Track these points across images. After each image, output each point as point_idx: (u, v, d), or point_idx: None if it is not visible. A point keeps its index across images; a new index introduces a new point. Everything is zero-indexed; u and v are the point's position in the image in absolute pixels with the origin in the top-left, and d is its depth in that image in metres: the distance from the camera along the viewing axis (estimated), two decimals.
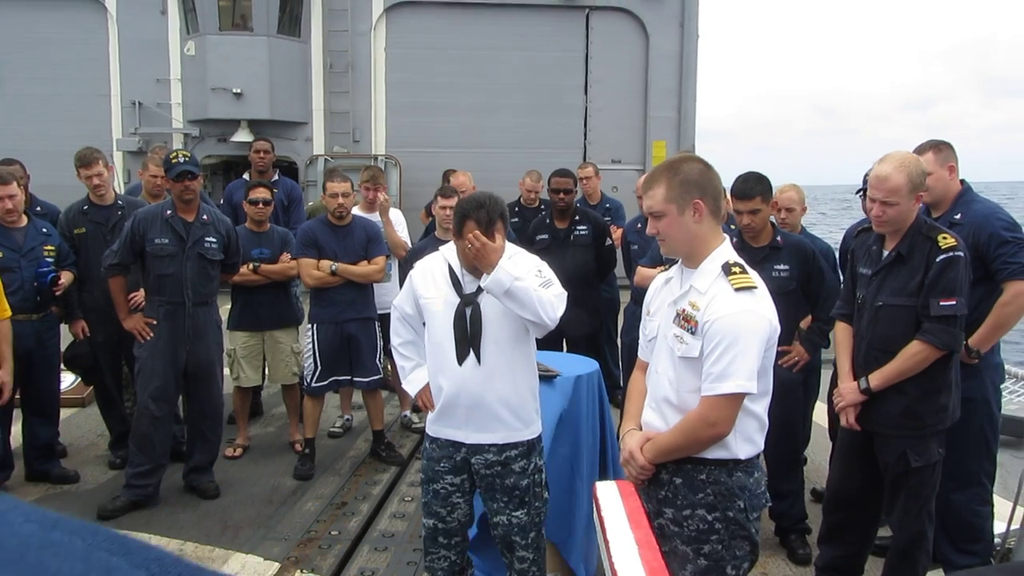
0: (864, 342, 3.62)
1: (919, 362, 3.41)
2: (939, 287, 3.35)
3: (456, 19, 15.38)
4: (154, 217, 5.05)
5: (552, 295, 3.13)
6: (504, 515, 3.30)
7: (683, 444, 2.56)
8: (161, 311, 5.04)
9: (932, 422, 3.48)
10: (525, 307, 3.05)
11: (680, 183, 2.56)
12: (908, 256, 3.45)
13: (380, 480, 5.52)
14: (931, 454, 3.49)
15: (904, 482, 3.53)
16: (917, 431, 3.48)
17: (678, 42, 15.51)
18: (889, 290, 3.50)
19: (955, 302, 3.34)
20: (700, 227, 2.57)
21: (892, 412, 3.51)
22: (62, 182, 9.14)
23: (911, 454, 3.47)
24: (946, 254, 3.35)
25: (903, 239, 3.47)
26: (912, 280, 3.43)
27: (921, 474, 3.50)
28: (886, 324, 3.51)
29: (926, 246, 3.41)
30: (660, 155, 15.43)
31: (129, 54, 15.22)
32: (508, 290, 3.02)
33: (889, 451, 3.55)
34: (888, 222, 3.46)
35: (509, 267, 3.05)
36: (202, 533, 4.72)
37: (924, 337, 3.38)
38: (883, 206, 3.43)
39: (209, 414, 5.28)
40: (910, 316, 3.44)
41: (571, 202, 6.47)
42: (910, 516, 3.56)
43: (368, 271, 5.72)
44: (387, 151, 15.40)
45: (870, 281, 3.60)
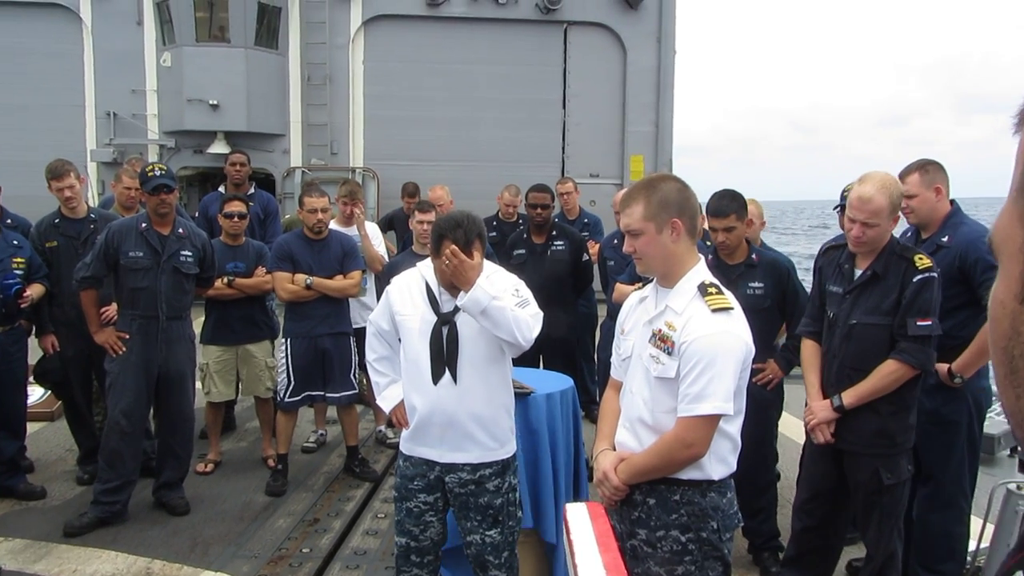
0: (836, 360, 3.61)
1: (894, 381, 3.42)
2: (916, 307, 3.37)
3: (434, 33, 15.42)
4: (129, 230, 4.99)
5: (528, 315, 3.11)
6: (477, 534, 3.27)
7: (658, 465, 2.55)
8: (134, 325, 4.97)
9: (902, 440, 3.52)
10: (501, 327, 3.04)
11: (658, 202, 2.55)
12: (883, 275, 3.46)
13: (353, 496, 5.47)
14: (902, 471, 3.52)
15: (878, 500, 3.54)
16: (889, 449, 3.50)
17: (655, 57, 15.63)
18: (863, 308, 3.51)
19: (931, 322, 3.37)
20: (677, 246, 2.57)
21: (866, 431, 3.51)
22: (36, 193, 9.03)
23: (884, 472, 3.48)
24: (923, 274, 3.38)
25: (878, 258, 3.49)
26: (887, 299, 3.44)
27: (893, 492, 3.52)
28: (860, 342, 3.51)
29: (901, 266, 3.43)
30: (638, 169, 15.53)
31: (104, 64, 15.12)
32: (485, 309, 3.00)
33: (861, 469, 3.56)
34: (867, 243, 3.47)
35: (487, 286, 3.02)
36: (171, 551, 4.65)
37: (900, 356, 3.40)
38: (863, 227, 3.43)
39: (180, 429, 5.21)
40: (884, 335, 3.45)
41: (549, 217, 6.47)
42: (884, 535, 3.56)
43: (343, 285, 5.68)
44: (365, 164, 15.38)
45: (843, 299, 3.60)
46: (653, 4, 15.49)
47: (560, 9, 15.27)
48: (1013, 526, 3.70)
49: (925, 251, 3.82)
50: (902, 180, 4.01)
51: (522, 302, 3.15)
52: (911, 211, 3.98)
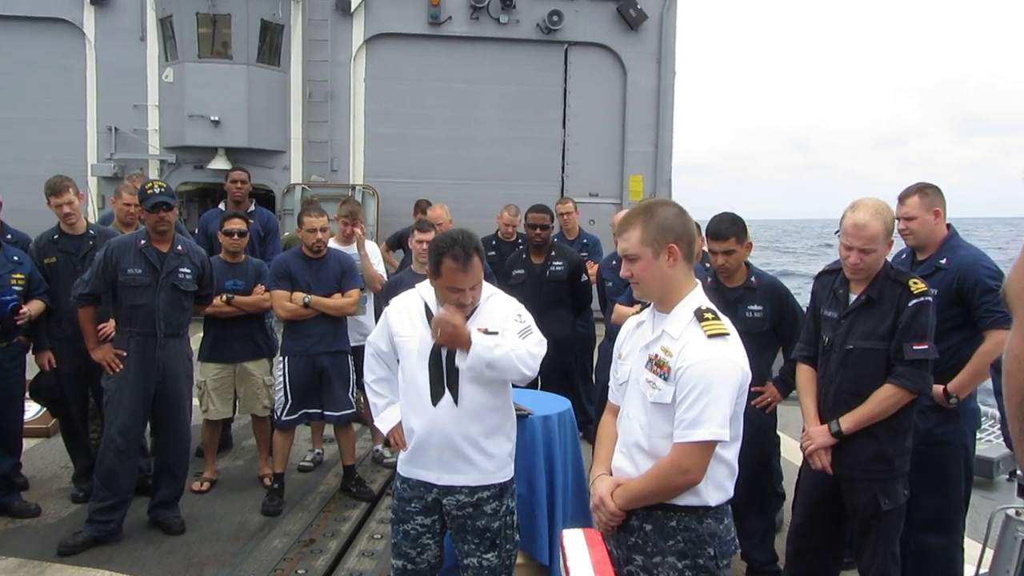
0: (833, 385, 3.61)
1: (891, 405, 3.43)
2: (912, 331, 3.38)
3: (436, 51, 15.50)
4: (127, 247, 4.99)
5: (532, 344, 3.12)
6: (475, 557, 3.25)
7: (655, 491, 2.54)
8: (132, 342, 4.96)
9: (899, 464, 3.52)
10: (508, 371, 3.06)
11: (656, 226, 2.56)
12: (878, 300, 3.48)
13: (350, 516, 5.44)
14: (899, 496, 3.52)
15: (875, 525, 3.53)
16: (887, 474, 3.50)
17: (655, 78, 15.72)
18: (859, 333, 3.51)
19: (927, 346, 3.38)
20: (674, 271, 2.58)
21: (863, 455, 3.51)
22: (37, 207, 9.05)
23: (881, 497, 3.48)
24: (918, 299, 3.39)
25: (872, 283, 3.50)
26: (883, 324, 3.45)
27: (890, 516, 3.52)
28: (856, 367, 3.52)
29: (896, 290, 3.44)
30: (637, 189, 15.57)
31: (106, 79, 15.18)
32: (490, 362, 3.00)
33: (858, 494, 3.55)
34: (864, 269, 3.49)
35: (482, 339, 3.01)
36: (165, 570, 4.62)
37: (897, 381, 3.41)
38: (861, 254, 3.45)
39: (176, 448, 5.19)
40: (881, 359, 3.46)
41: (548, 238, 6.49)
42: (879, 559, 3.55)
43: (341, 304, 5.67)
44: (365, 181, 15.42)
45: (838, 324, 3.60)
46: (653, 25, 15.59)
47: (561, 29, 15.37)
48: (1012, 552, 3.68)
49: (923, 273, 3.84)
50: (902, 202, 4.04)
51: (524, 330, 3.15)
52: (910, 233, 4.01)
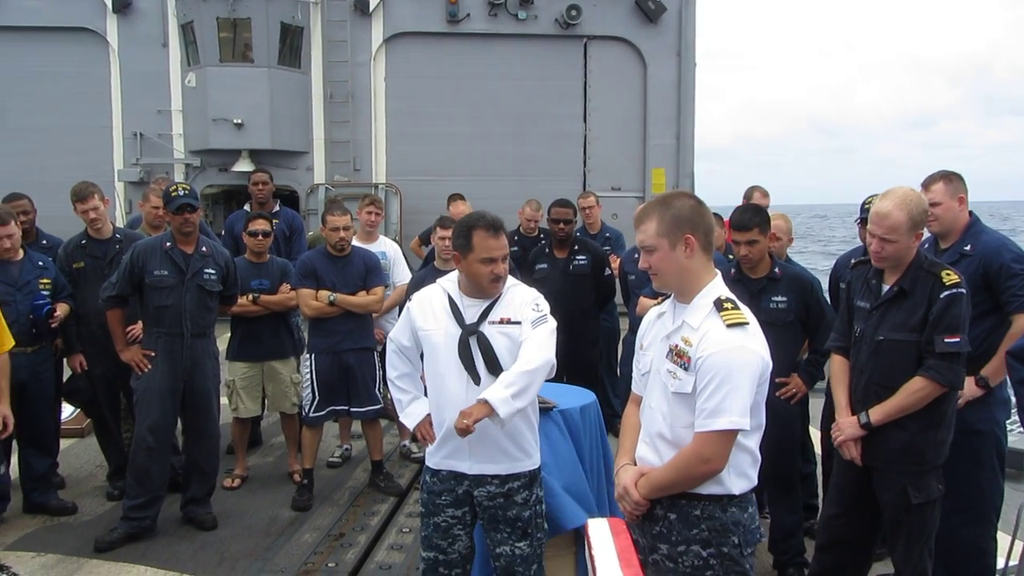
0: (863, 376, 3.58)
1: (921, 398, 3.39)
2: (943, 324, 3.34)
3: (455, 49, 15.54)
4: (153, 249, 5.08)
5: (541, 340, 3.13)
6: (507, 546, 3.28)
7: (677, 480, 2.57)
8: (159, 343, 5.05)
9: (932, 457, 3.45)
10: (538, 383, 3.11)
11: (672, 218, 2.60)
12: (910, 291, 3.44)
13: (378, 511, 5.50)
14: (931, 490, 3.45)
15: (905, 519, 3.48)
16: (917, 467, 3.45)
17: (676, 70, 15.66)
18: (890, 325, 3.48)
19: (959, 339, 3.33)
20: (691, 262, 2.60)
21: (893, 448, 3.47)
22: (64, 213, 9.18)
23: (911, 490, 3.43)
24: (950, 291, 3.34)
25: (905, 274, 3.47)
26: (914, 315, 3.41)
27: (922, 511, 3.46)
28: (887, 359, 3.48)
29: (928, 282, 3.40)
30: (659, 182, 15.53)
31: (131, 86, 15.37)
32: (516, 408, 3.02)
33: (889, 488, 3.51)
34: (886, 258, 3.47)
35: (493, 393, 3.00)
36: (199, 565, 4.70)
37: (928, 374, 3.36)
38: (882, 242, 3.43)
39: (206, 445, 5.28)
40: (912, 351, 3.42)
41: (571, 232, 6.50)
42: (913, 555, 3.50)
43: (366, 301, 5.74)
44: (387, 179, 15.51)
45: (869, 315, 3.57)
46: (673, 17, 15.53)
47: (580, 24, 15.35)
48: None
49: (948, 260, 3.80)
50: (926, 189, 4.01)
51: (539, 319, 3.19)
52: (935, 219, 3.96)
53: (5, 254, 5.14)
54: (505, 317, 3.22)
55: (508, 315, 3.22)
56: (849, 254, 5.11)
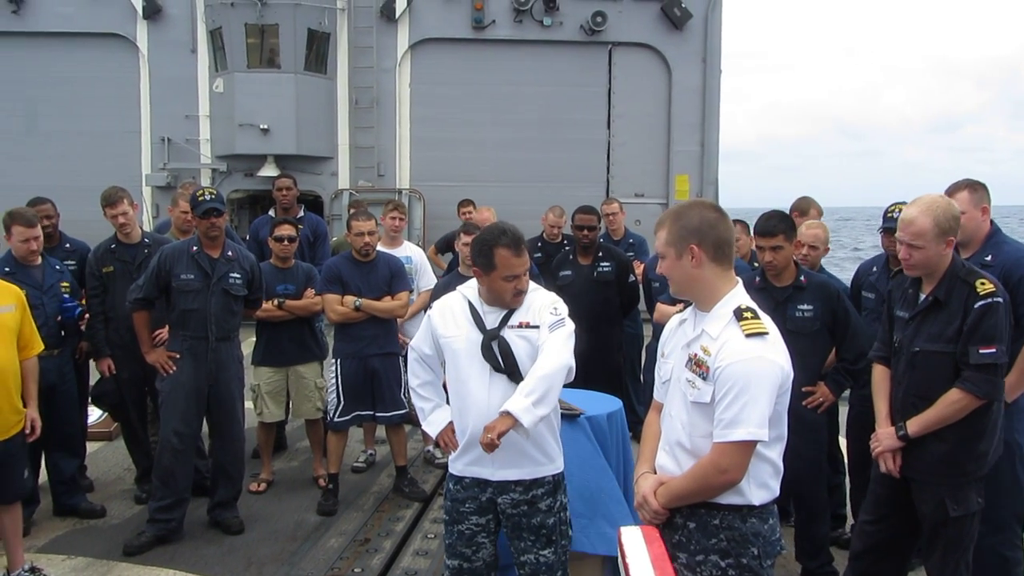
0: (901, 388, 3.54)
1: (958, 411, 3.34)
2: (978, 334, 3.29)
3: (480, 55, 15.59)
4: (180, 253, 5.14)
5: (558, 344, 3.13)
6: (532, 554, 3.28)
7: (695, 490, 2.56)
8: (184, 346, 5.11)
9: (972, 469, 3.41)
10: (559, 386, 3.11)
11: (679, 228, 2.63)
12: (946, 301, 3.38)
13: (403, 516, 5.52)
14: (970, 503, 3.41)
15: (943, 532, 3.44)
16: (956, 479, 3.41)
17: (700, 77, 15.62)
18: (926, 335, 3.44)
19: (995, 350, 3.28)
20: (700, 271, 2.61)
21: (931, 459, 3.42)
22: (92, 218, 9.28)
23: (950, 503, 3.39)
24: (984, 300, 3.29)
25: (940, 283, 3.41)
26: (950, 326, 3.36)
27: (960, 524, 3.41)
28: (923, 370, 3.44)
29: (964, 291, 3.35)
30: (683, 189, 15.49)
31: (159, 91, 15.55)
32: (539, 416, 3.03)
33: (927, 499, 3.47)
34: (915, 265, 3.42)
35: (513, 404, 3.00)
36: (226, 569, 4.74)
37: (964, 386, 3.32)
38: (909, 249, 3.39)
39: (231, 449, 5.32)
40: (948, 362, 3.37)
41: (595, 239, 6.50)
42: (948, 567, 3.46)
43: (391, 307, 5.76)
44: (411, 185, 15.57)
45: (907, 325, 3.53)
46: (698, 24, 15.49)
47: (605, 30, 15.35)
48: None
49: None
50: (952, 197, 3.98)
51: (557, 322, 3.19)
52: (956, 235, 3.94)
53: (31, 256, 5.21)
54: (524, 321, 3.23)
55: (527, 319, 3.24)
56: (871, 261, 5.07)
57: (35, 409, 4.56)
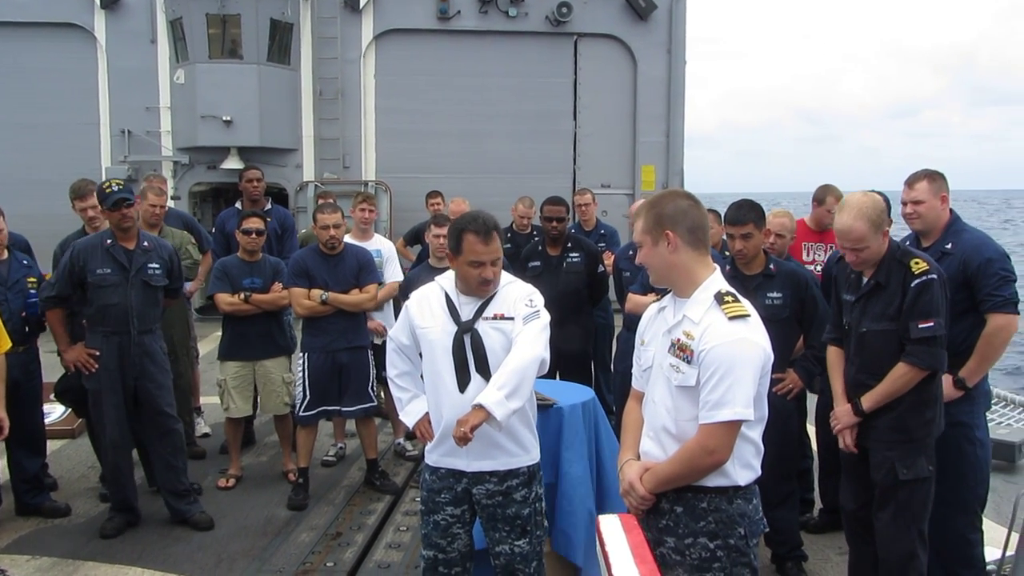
0: (853, 366, 3.76)
1: (906, 383, 3.55)
2: (916, 311, 3.51)
3: (445, 46, 15.50)
4: (94, 247, 4.99)
5: (531, 336, 3.13)
6: (507, 544, 3.29)
7: (682, 473, 2.59)
8: (105, 342, 4.98)
9: (919, 435, 3.59)
10: (530, 380, 3.12)
11: (654, 216, 2.69)
12: (886, 283, 3.61)
13: (375, 509, 5.49)
14: (919, 468, 3.57)
15: (893, 495, 3.60)
16: (905, 444, 3.58)
17: (666, 67, 15.67)
18: (871, 316, 3.66)
19: (933, 323, 3.50)
20: (677, 257, 2.65)
21: (881, 426, 3.63)
22: (53, 211, 9.14)
23: (899, 466, 3.57)
24: (920, 278, 3.51)
25: (879, 267, 3.64)
26: (891, 306, 3.58)
27: (910, 488, 3.58)
28: (871, 349, 3.66)
29: (901, 272, 3.58)
30: (649, 179, 15.56)
31: (118, 83, 15.24)
32: (511, 409, 3.02)
33: (878, 465, 3.65)
34: (863, 262, 3.65)
35: (486, 396, 2.99)
36: (196, 566, 4.68)
37: (908, 359, 3.54)
38: (854, 252, 3.62)
39: (169, 440, 5.20)
40: (893, 340, 3.59)
41: (564, 230, 6.50)
42: (899, 531, 3.60)
43: (359, 300, 5.71)
44: (377, 177, 15.45)
45: (853, 307, 3.75)
46: (663, 15, 15.53)
47: (570, 21, 15.33)
48: None
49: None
50: (910, 187, 4.09)
51: (531, 314, 3.19)
52: (918, 217, 4.10)
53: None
54: (499, 313, 3.23)
55: (502, 311, 3.24)
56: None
57: (3, 408, 4.47)
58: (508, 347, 3.17)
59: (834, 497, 5.08)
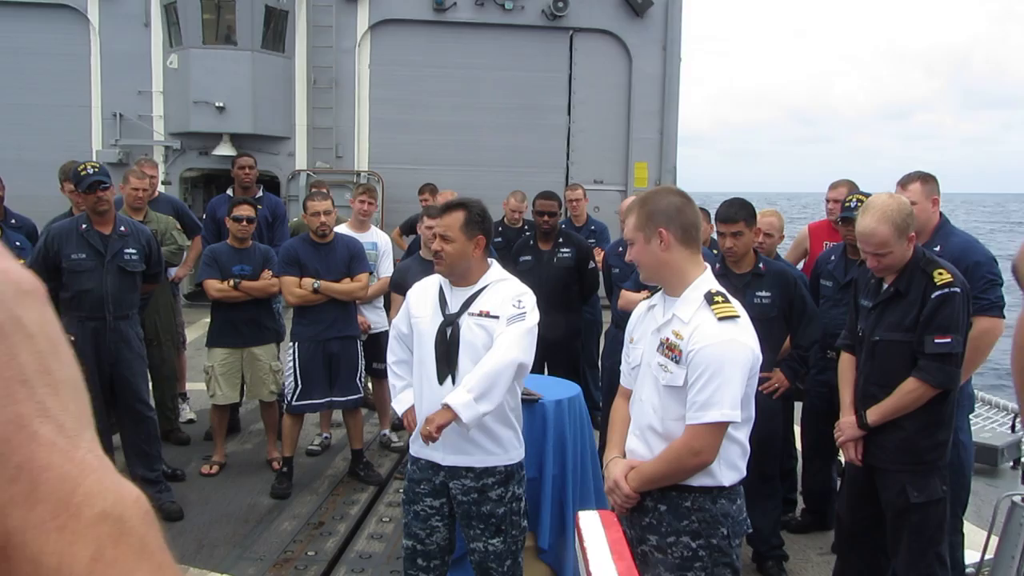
0: (862, 376, 3.61)
1: (915, 400, 3.40)
2: (934, 324, 3.34)
3: (440, 38, 15.45)
4: (69, 232, 4.92)
5: (510, 340, 3.10)
6: (480, 542, 3.29)
7: (668, 472, 2.59)
8: (81, 327, 4.90)
9: (931, 457, 3.45)
10: (503, 383, 3.07)
11: (647, 213, 2.67)
12: (906, 292, 3.44)
13: (358, 500, 5.48)
14: (932, 490, 3.44)
15: (906, 519, 3.48)
16: (916, 466, 3.46)
17: (660, 64, 15.65)
18: (886, 325, 3.50)
19: (950, 339, 3.32)
20: (669, 255, 2.64)
21: (890, 447, 3.49)
22: (41, 193, 9.09)
23: (911, 489, 3.43)
24: (941, 291, 3.34)
25: (901, 274, 3.47)
26: (908, 316, 3.41)
27: (924, 511, 3.45)
28: (882, 359, 3.50)
29: (923, 281, 3.40)
30: (642, 176, 15.54)
31: (111, 66, 15.14)
32: (480, 412, 3.01)
33: (889, 487, 3.52)
34: (886, 269, 3.47)
35: (458, 397, 3.00)
36: (177, 552, 4.52)
37: (919, 375, 3.38)
38: (876, 257, 3.43)
39: (143, 428, 5.15)
40: (906, 352, 3.42)
41: (555, 225, 6.49)
42: (915, 557, 3.50)
43: (351, 288, 5.70)
44: (370, 167, 15.41)
45: (869, 314, 3.58)
46: (659, 12, 15.51)
47: (566, 16, 15.29)
48: (1018, 538, 3.71)
49: None
50: (904, 188, 4.07)
51: (516, 316, 3.16)
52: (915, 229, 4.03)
53: None
54: (485, 310, 3.21)
55: (488, 308, 3.22)
56: (830, 251, 5.16)
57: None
58: (490, 345, 3.16)
59: (817, 498, 5.11)
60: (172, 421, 6.62)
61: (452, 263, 3.22)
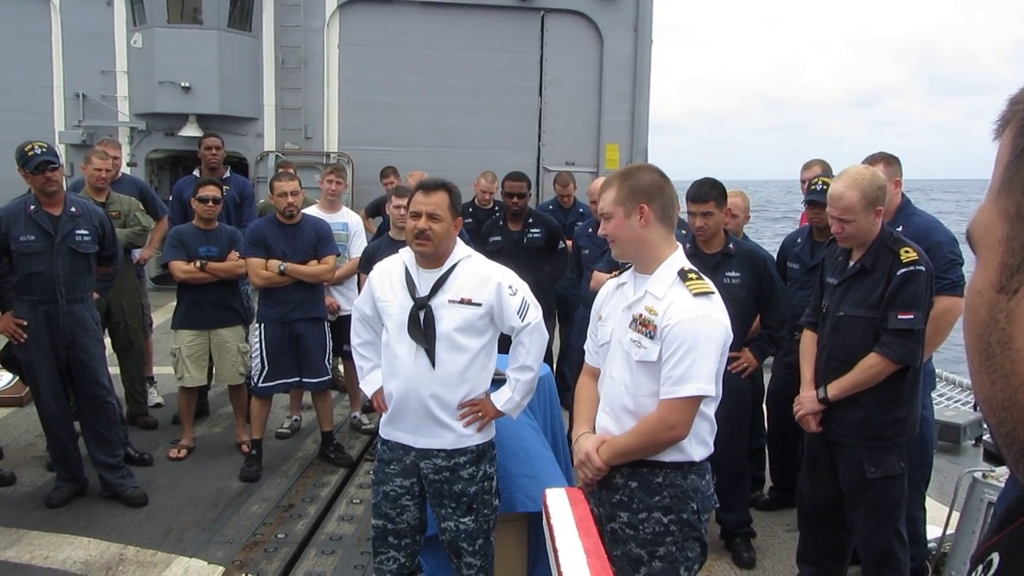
0: (825, 351, 3.64)
1: (875, 374, 3.43)
2: (898, 301, 3.38)
3: (410, 17, 15.30)
4: (17, 214, 4.78)
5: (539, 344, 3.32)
6: (452, 521, 3.28)
7: (640, 446, 2.59)
8: (33, 311, 4.81)
9: (889, 434, 3.49)
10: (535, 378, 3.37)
11: (629, 188, 2.65)
12: (872, 268, 3.47)
13: (328, 482, 5.46)
14: (889, 466, 3.48)
15: (864, 495, 3.53)
16: (873, 442, 3.49)
17: (632, 46, 15.63)
18: (851, 301, 3.53)
19: (912, 316, 3.36)
20: (647, 232, 2.63)
21: (849, 422, 3.53)
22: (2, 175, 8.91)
23: (867, 464, 3.47)
24: (907, 268, 3.37)
25: (868, 251, 3.49)
26: (873, 292, 3.45)
27: (881, 486, 3.49)
28: (846, 335, 3.53)
29: (888, 258, 3.43)
30: (613, 158, 15.55)
31: (73, 45, 14.84)
32: (523, 406, 3.39)
33: (847, 462, 3.56)
34: (848, 238, 3.50)
35: (511, 403, 3.30)
36: (144, 536, 4.62)
37: (881, 350, 3.41)
38: (840, 223, 3.46)
39: (102, 412, 5.06)
40: (870, 328, 3.45)
41: (524, 206, 6.48)
42: (873, 531, 3.55)
43: (317, 271, 5.65)
44: (339, 148, 15.27)
45: (834, 291, 3.62)
46: None
47: None
48: (978, 513, 3.78)
49: None
50: None
51: (522, 306, 3.24)
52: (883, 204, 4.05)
53: None
54: (466, 297, 3.18)
55: (467, 295, 3.19)
56: (796, 233, 5.21)
57: None
58: (468, 332, 3.16)
59: (784, 476, 5.16)
60: (141, 405, 6.54)
61: (439, 242, 3.19)
